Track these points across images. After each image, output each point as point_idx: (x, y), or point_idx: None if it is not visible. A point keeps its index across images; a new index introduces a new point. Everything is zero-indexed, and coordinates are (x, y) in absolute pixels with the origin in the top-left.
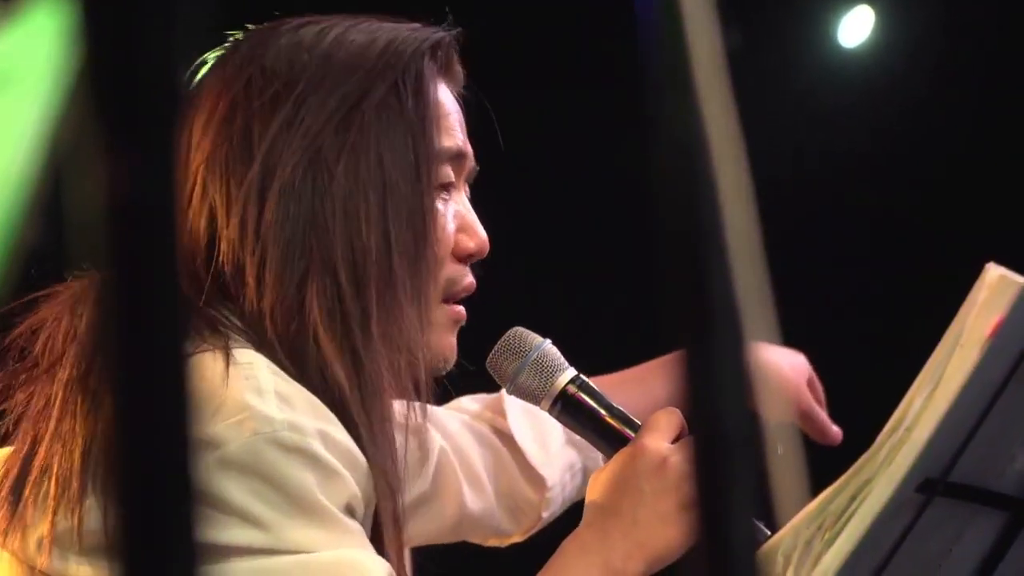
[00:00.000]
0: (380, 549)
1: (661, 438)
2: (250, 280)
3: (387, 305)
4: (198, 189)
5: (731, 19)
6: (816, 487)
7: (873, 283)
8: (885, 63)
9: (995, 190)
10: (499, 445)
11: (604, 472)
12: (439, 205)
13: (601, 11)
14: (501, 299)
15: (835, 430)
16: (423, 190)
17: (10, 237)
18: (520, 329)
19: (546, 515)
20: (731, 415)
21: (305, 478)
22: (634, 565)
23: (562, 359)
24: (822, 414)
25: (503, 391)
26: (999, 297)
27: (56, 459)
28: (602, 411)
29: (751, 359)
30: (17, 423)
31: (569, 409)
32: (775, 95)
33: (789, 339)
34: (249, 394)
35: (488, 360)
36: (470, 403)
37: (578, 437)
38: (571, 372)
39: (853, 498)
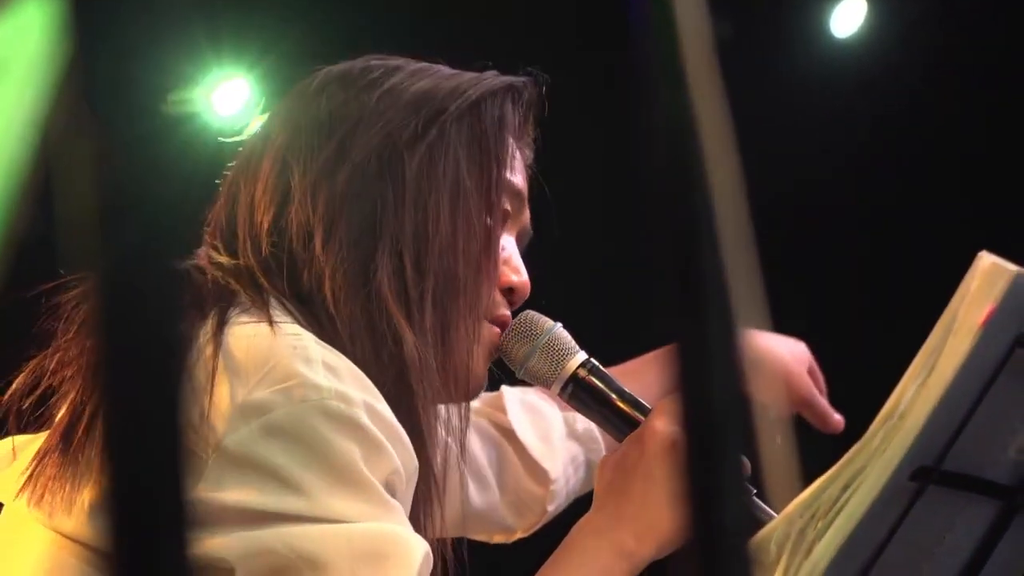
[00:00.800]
0: (416, 529)
1: (671, 421)
2: (315, 251)
3: (444, 298)
4: (271, 168)
5: (722, 9)
6: (809, 476)
7: (866, 272)
8: (878, 53)
9: (988, 179)
10: (501, 440)
11: (615, 455)
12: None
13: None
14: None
15: (836, 418)
16: (493, 206)
17: (2, 225)
18: (531, 313)
19: (551, 509)
20: (722, 401)
21: (350, 449)
22: (645, 547)
23: (573, 343)
24: (823, 401)
25: (502, 388)
26: (991, 285)
27: (97, 415)
28: (612, 395)
29: (743, 345)
30: (58, 403)
31: (580, 393)
32: (767, 85)
33: (782, 328)
34: (298, 362)
35: (499, 344)
36: None
37: (580, 430)
38: (582, 356)
39: (846, 487)
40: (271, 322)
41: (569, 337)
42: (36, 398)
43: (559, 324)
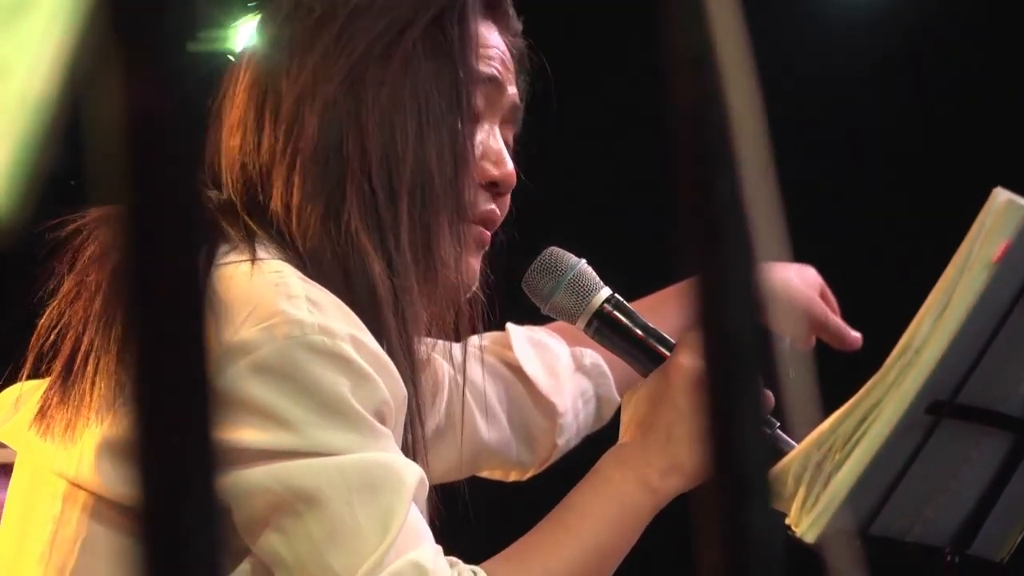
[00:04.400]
0: (411, 458)
1: (696, 355)
2: (281, 188)
3: (420, 217)
4: (243, 105)
5: None
6: (826, 409)
7: (881, 207)
8: None
9: (1004, 113)
10: (509, 375)
11: (641, 390)
12: (472, 128)
13: None
14: (522, 222)
15: (854, 335)
16: (460, 112)
17: (30, 161)
18: (556, 249)
19: (561, 442)
20: (743, 334)
21: (337, 381)
22: (671, 481)
23: (597, 279)
24: (838, 321)
25: (508, 325)
26: (1006, 222)
27: (98, 346)
28: (637, 330)
29: (762, 277)
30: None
31: (605, 328)
32: (787, 10)
33: (799, 261)
34: (280, 299)
35: (524, 280)
36: (476, 339)
37: (588, 364)
38: (606, 291)
39: (863, 420)
40: (254, 260)
41: (594, 273)
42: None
43: (583, 260)
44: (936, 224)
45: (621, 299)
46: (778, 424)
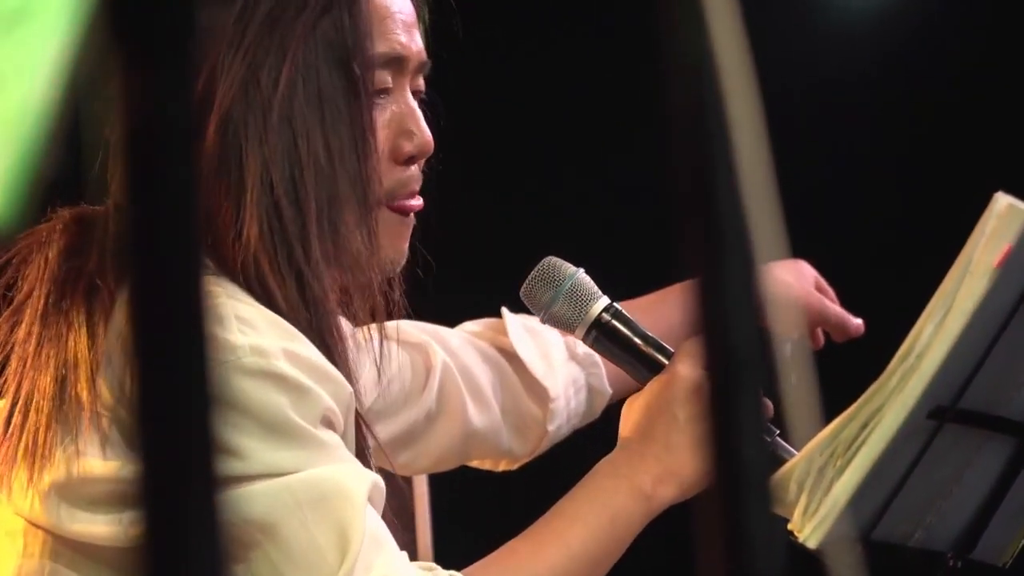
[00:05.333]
0: (364, 461)
1: (695, 364)
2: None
3: (329, 220)
4: None
5: None
6: (828, 415)
7: (882, 211)
8: None
9: (1006, 116)
10: (501, 360)
11: (639, 398)
12: (374, 113)
13: None
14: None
15: (856, 322)
16: (358, 100)
17: (30, 168)
18: (553, 259)
19: (551, 429)
20: (743, 342)
21: (276, 400)
22: (665, 490)
23: (595, 288)
24: (837, 310)
25: (503, 311)
26: (1008, 226)
27: (35, 391)
28: (636, 339)
29: (762, 281)
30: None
31: (603, 337)
32: (785, 15)
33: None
34: None
35: (522, 290)
36: (472, 325)
37: (581, 353)
38: (605, 300)
39: (865, 425)
40: None
41: (591, 282)
42: None
43: (581, 270)
44: (937, 229)
45: (620, 308)
46: (777, 432)
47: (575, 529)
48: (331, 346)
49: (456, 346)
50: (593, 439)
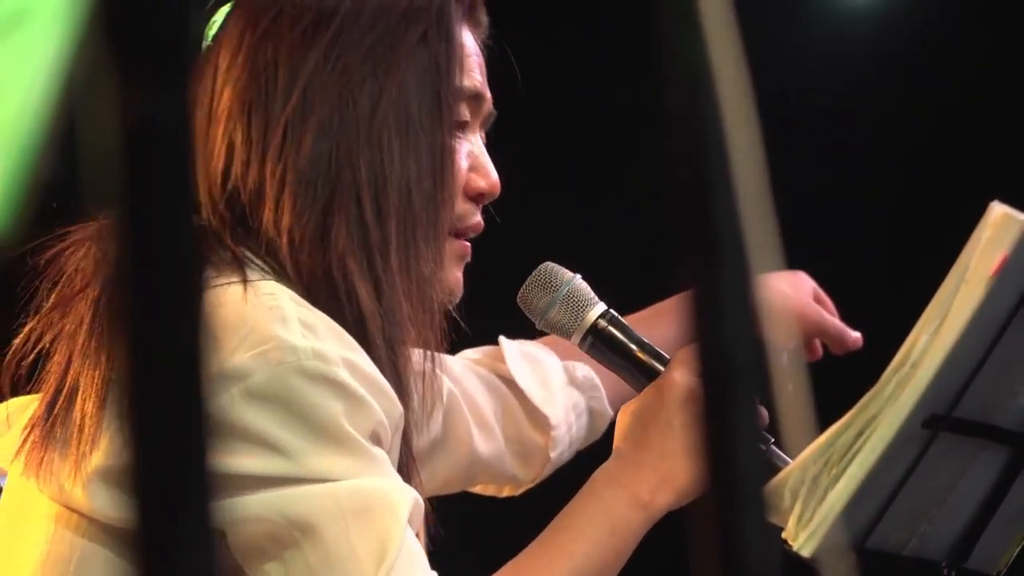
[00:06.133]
0: (405, 478)
1: (690, 371)
2: (272, 208)
3: (405, 236)
4: (225, 122)
5: None
6: (823, 423)
7: (878, 220)
8: None
9: (1003, 125)
10: (502, 387)
11: (633, 405)
12: (454, 143)
13: None
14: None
15: (854, 335)
16: (442, 127)
17: (26, 173)
18: (550, 264)
19: (554, 455)
20: (739, 350)
21: (331, 406)
22: (662, 497)
23: (592, 294)
24: (835, 323)
25: (500, 339)
26: (1003, 235)
27: (82, 379)
28: (632, 345)
29: (758, 291)
30: (48, 361)
31: (600, 343)
32: (781, 24)
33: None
34: (274, 323)
35: (519, 295)
36: (470, 353)
37: (580, 377)
38: (601, 307)
39: (859, 434)
40: (245, 282)
41: (588, 288)
42: (33, 360)
43: (578, 276)
44: (933, 236)
45: (616, 314)
46: (772, 440)
47: (578, 543)
48: (398, 356)
49: (459, 373)
50: (591, 445)
